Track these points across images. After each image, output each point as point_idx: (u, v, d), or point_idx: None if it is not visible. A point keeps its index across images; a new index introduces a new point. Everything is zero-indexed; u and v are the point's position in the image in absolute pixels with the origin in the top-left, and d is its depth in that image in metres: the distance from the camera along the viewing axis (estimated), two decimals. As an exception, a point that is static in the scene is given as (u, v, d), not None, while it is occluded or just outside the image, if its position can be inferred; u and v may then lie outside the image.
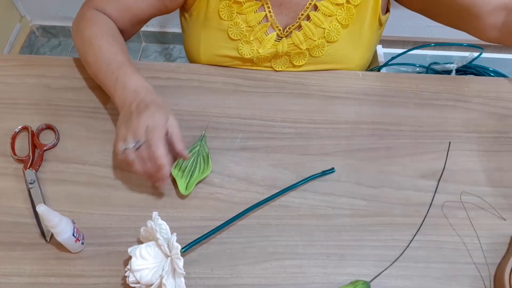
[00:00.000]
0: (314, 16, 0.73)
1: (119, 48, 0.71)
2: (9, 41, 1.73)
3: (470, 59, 1.59)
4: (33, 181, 0.64)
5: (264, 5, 0.73)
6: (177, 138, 0.61)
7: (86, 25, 0.73)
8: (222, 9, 0.73)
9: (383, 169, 0.68)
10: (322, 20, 0.73)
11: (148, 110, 0.60)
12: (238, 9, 0.73)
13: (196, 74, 0.78)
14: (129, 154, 0.59)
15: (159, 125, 0.59)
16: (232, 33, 0.75)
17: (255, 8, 0.73)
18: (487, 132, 0.73)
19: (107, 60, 0.68)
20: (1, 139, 0.69)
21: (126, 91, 0.65)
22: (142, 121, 0.59)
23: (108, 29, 0.73)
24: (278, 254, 0.60)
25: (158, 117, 0.60)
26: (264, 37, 0.75)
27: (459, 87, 0.78)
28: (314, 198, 0.65)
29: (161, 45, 1.90)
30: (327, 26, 0.74)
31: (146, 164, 0.59)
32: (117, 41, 0.72)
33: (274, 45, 0.76)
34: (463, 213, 0.64)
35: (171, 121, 0.61)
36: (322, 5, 0.72)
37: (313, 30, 0.74)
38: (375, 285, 0.58)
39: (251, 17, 0.73)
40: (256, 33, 0.75)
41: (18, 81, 0.76)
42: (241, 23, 0.74)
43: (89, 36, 0.71)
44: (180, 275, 0.53)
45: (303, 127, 0.72)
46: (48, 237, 0.60)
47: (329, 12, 0.73)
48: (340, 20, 0.73)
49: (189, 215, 0.63)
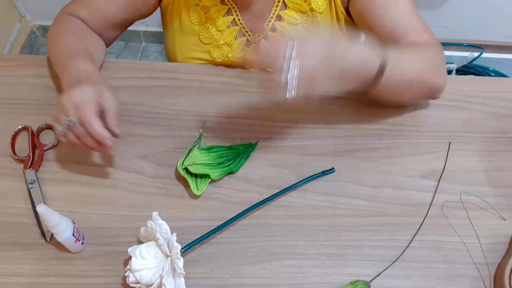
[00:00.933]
0: (279, 26, 0.73)
1: (76, 41, 0.71)
2: (9, 41, 1.73)
3: (470, 59, 1.59)
4: (33, 181, 0.64)
5: (231, 8, 0.73)
6: (109, 113, 0.60)
7: (54, 27, 0.75)
8: (192, 14, 0.75)
9: (383, 169, 0.68)
10: (288, 29, 0.73)
11: (79, 86, 0.60)
12: (207, 13, 0.74)
13: (196, 74, 0.78)
14: (68, 135, 0.59)
15: (88, 100, 0.58)
16: (203, 37, 0.76)
17: (222, 12, 0.73)
18: (487, 132, 0.73)
19: (61, 56, 0.69)
20: (1, 139, 0.69)
21: (69, 77, 0.64)
22: (71, 97, 0.58)
23: (72, 28, 0.74)
24: (278, 254, 0.60)
25: (87, 92, 0.59)
26: (233, 42, 0.76)
27: (459, 87, 0.78)
28: (314, 198, 0.65)
29: (161, 45, 1.90)
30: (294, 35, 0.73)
31: (87, 140, 0.59)
32: (78, 36, 0.73)
33: (243, 50, 0.76)
34: (463, 213, 0.64)
35: (106, 95, 0.60)
36: (286, 14, 0.73)
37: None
38: (375, 285, 0.58)
39: (220, 21, 0.74)
40: (225, 37, 0.76)
41: (18, 81, 0.76)
42: (211, 28, 0.75)
43: (53, 36, 0.74)
44: (180, 275, 0.53)
45: (303, 127, 0.72)
46: (48, 237, 0.60)
47: (294, 20, 0.73)
48: (306, 27, 0.74)
49: (189, 215, 0.63)
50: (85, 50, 0.70)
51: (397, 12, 0.69)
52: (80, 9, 0.76)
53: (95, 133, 0.58)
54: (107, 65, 0.78)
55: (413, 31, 0.69)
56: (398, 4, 0.69)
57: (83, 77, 0.62)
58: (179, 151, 0.68)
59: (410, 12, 0.69)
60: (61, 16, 0.76)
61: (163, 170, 0.67)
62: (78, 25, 0.75)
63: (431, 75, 0.66)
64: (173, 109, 0.73)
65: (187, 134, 0.70)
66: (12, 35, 1.75)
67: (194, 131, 0.71)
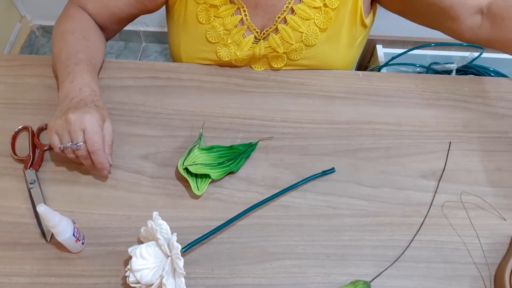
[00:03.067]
0: (291, 20, 0.73)
1: (85, 47, 0.72)
2: (9, 41, 1.73)
3: (470, 59, 1.59)
4: (33, 181, 0.64)
5: (240, 8, 0.73)
6: (108, 143, 0.63)
7: (63, 20, 0.76)
8: (200, 13, 0.74)
9: (383, 169, 0.68)
10: (299, 23, 0.73)
11: (86, 108, 0.62)
12: (215, 12, 0.73)
13: (196, 74, 0.78)
14: (68, 152, 0.62)
15: (98, 130, 0.61)
16: (210, 36, 0.76)
17: (231, 11, 0.73)
18: (487, 132, 0.73)
19: (68, 54, 0.70)
20: (1, 139, 0.69)
21: (72, 86, 0.66)
22: (82, 120, 0.60)
23: (82, 27, 0.75)
24: (278, 254, 0.60)
25: (97, 120, 0.61)
26: (241, 40, 0.75)
27: (459, 87, 0.78)
28: (314, 198, 0.65)
29: (161, 45, 1.90)
30: (304, 30, 0.73)
31: (86, 162, 0.62)
32: (88, 40, 0.73)
33: (251, 47, 0.76)
34: (463, 213, 0.64)
35: (107, 125, 0.63)
36: (299, 8, 0.72)
37: (290, 34, 0.74)
38: (375, 285, 0.58)
39: (228, 20, 0.74)
40: (233, 36, 0.75)
41: (18, 81, 0.76)
42: (218, 27, 0.74)
43: (61, 30, 0.74)
44: (180, 275, 0.53)
45: (303, 127, 0.72)
46: (48, 237, 0.60)
47: (306, 15, 0.72)
48: (318, 24, 0.73)
49: (189, 215, 0.63)
50: (90, 56, 0.71)
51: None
52: (89, 2, 0.77)
53: (99, 163, 0.61)
54: (107, 65, 0.78)
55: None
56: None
57: (88, 99, 0.64)
58: (179, 151, 0.68)
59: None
60: (70, 8, 0.77)
61: (163, 170, 0.67)
62: (84, 20, 0.76)
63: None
64: (173, 109, 0.73)
65: (187, 134, 0.70)
66: (12, 35, 1.75)
67: (194, 131, 0.71)
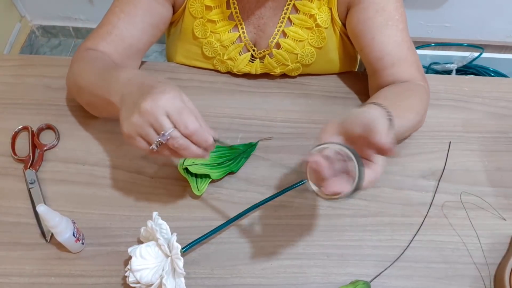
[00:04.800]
0: (284, 43, 0.72)
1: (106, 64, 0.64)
2: (9, 41, 1.73)
3: (470, 59, 1.59)
4: (33, 181, 0.64)
5: (238, 25, 0.72)
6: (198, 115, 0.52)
7: (76, 64, 0.67)
8: (196, 27, 0.72)
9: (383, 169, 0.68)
10: (293, 46, 0.72)
11: (157, 88, 0.50)
12: (212, 28, 0.72)
13: (196, 74, 0.78)
14: (162, 151, 0.51)
15: (180, 105, 0.49)
16: (206, 51, 0.75)
17: (228, 28, 0.72)
18: (487, 132, 0.73)
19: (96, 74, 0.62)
20: (1, 139, 0.69)
21: (120, 84, 0.55)
22: (155, 104, 0.48)
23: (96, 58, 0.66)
24: (278, 254, 0.60)
25: (173, 97, 0.49)
26: (238, 57, 0.75)
27: (459, 87, 0.78)
28: (314, 198, 0.65)
29: (161, 45, 1.90)
30: (299, 51, 0.73)
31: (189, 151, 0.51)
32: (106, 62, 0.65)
33: (248, 65, 0.75)
34: (463, 213, 0.64)
35: (184, 96, 0.51)
36: (291, 31, 0.71)
37: (285, 56, 0.73)
38: (375, 285, 0.58)
39: (225, 36, 0.72)
40: (230, 52, 0.74)
41: (18, 81, 0.76)
42: (214, 42, 0.73)
43: (75, 68, 0.67)
44: (180, 275, 0.53)
45: (303, 127, 0.72)
46: (48, 237, 0.60)
47: (299, 37, 0.71)
48: (312, 43, 0.72)
49: (189, 215, 0.63)
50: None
51: (388, 40, 0.67)
52: (99, 43, 0.67)
53: (204, 141, 0.50)
54: (107, 65, 0.78)
55: (399, 63, 0.67)
56: (390, 31, 0.67)
57: (147, 80, 0.52)
58: (179, 151, 0.68)
59: (402, 42, 0.67)
60: (82, 53, 0.68)
61: (163, 170, 0.67)
62: (101, 56, 0.66)
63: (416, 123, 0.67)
64: (173, 109, 0.73)
65: (187, 134, 0.70)
66: (12, 35, 1.75)
67: (194, 131, 0.71)
